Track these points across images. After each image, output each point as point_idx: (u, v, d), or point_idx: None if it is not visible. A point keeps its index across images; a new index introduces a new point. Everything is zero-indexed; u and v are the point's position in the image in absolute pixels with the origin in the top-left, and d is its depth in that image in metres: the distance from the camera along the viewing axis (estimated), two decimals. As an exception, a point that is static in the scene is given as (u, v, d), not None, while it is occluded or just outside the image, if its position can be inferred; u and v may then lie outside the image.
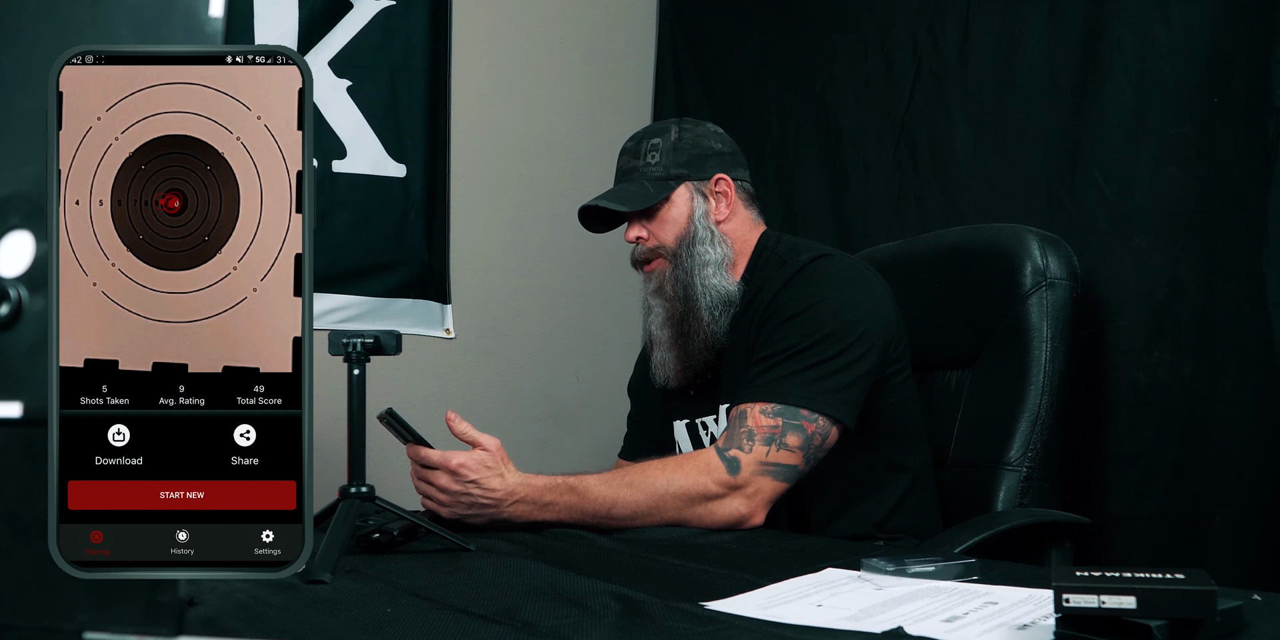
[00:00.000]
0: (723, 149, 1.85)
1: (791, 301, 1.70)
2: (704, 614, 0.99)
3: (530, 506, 1.51)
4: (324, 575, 1.12)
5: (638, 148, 1.84)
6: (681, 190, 1.81)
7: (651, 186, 1.80)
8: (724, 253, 1.80)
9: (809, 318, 1.67)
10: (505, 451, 1.53)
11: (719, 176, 1.83)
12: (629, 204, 1.79)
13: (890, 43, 2.47)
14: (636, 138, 1.86)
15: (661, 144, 1.82)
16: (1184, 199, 1.94)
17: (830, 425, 1.62)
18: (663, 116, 2.99)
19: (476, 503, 1.50)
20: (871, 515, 1.73)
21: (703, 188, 1.82)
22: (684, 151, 1.81)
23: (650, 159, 1.81)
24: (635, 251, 1.85)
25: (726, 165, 1.84)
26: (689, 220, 1.80)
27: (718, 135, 1.87)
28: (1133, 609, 0.80)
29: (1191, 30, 1.94)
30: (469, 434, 1.52)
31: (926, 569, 1.14)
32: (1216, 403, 1.88)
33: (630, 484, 1.55)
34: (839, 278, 1.73)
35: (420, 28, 2.61)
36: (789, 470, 1.60)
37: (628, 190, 1.81)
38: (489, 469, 1.49)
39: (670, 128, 1.84)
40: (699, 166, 1.82)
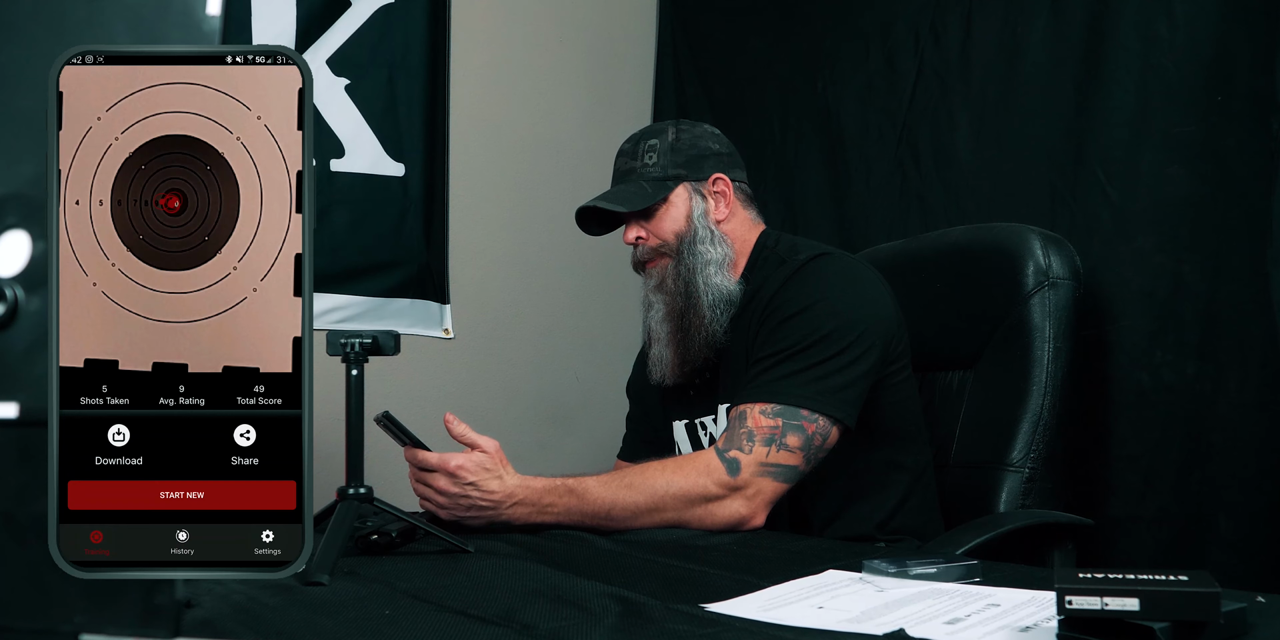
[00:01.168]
0: (720, 149, 1.86)
1: (790, 301, 1.70)
2: (704, 616, 0.98)
3: (529, 508, 1.51)
4: (322, 577, 1.11)
5: (635, 149, 1.84)
6: (680, 190, 1.81)
7: (650, 187, 1.80)
8: (724, 252, 1.80)
9: (808, 317, 1.67)
10: (504, 453, 1.52)
11: (717, 176, 1.83)
12: (628, 204, 1.79)
13: (892, 41, 2.47)
14: (633, 139, 1.86)
15: (659, 145, 1.82)
16: (1187, 198, 1.94)
17: (830, 425, 1.62)
18: (663, 117, 2.99)
19: (475, 505, 1.49)
20: (873, 516, 1.73)
21: (701, 188, 1.82)
22: (681, 152, 1.82)
23: (648, 160, 1.82)
24: (637, 252, 1.85)
25: (724, 165, 1.85)
26: (688, 220, 1.80)
27: (715, 136, 1.87)
28: (1136, 611, 0.80)
29: (1195, 28, 1.94)
30: (467, 435, 1.52)
31: (928, 571, 1.14)
32: (1220, 403, 1.87)
33: (630, 485, 1.54)
34: (838, 276, 1.73)
35: (419, 26, 2.60)
36: (789, 471, 1.60)
37: (626, 191, 1.81)
38: (487, 471, 1.49)
39: (667, 129, 1.85)
40: (697, 167, 1.82)
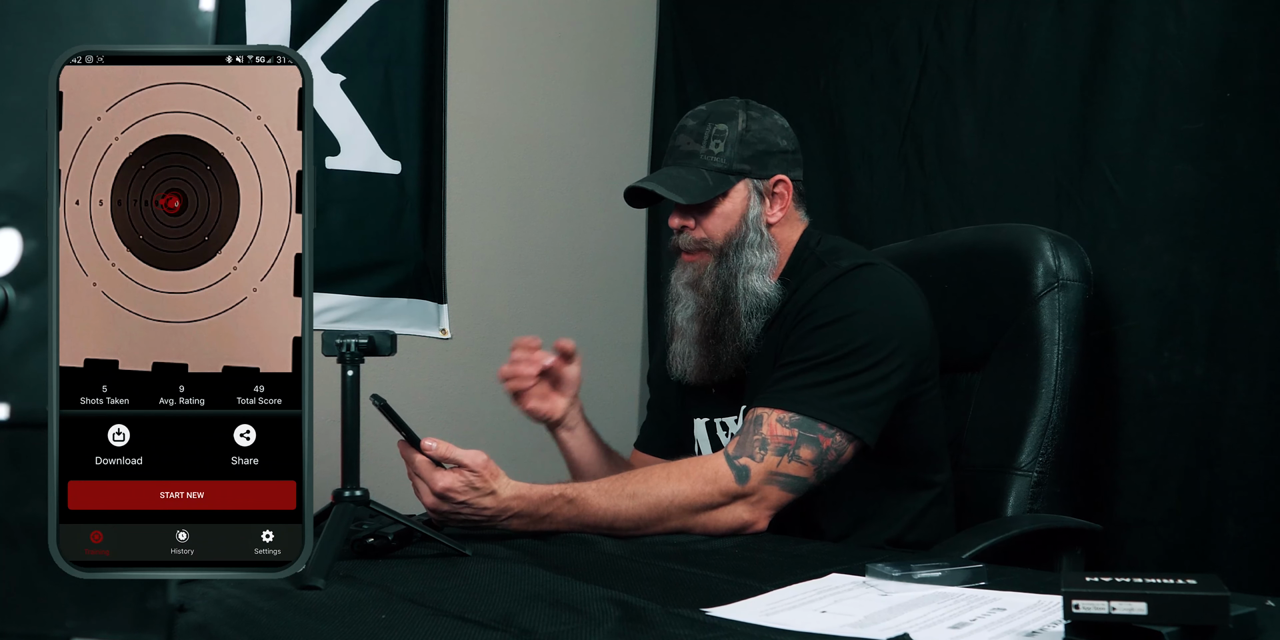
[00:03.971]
0: (787, 146, 1.79)
1: (826, 308, 1.66)
2: (705, 621, 0.98)
3: (526, 520, 1.48)
4: (317, 581, 1.11)
5: (701, 130, 1.75)
6: (740, 187, 1.75)
7: (710, 179, 1.73)
8: (770, 258, 1.75)
9: (841, 328, 1.63)
10: (495, 464, 1.46)
11: (779, 177, 1.77)
12: (686, 195, 1.72)
13: (895, 38, 2.46)
14: (700, 118, 1.77)
15: (728, 133, 1.74)
16: (1195, 196, 1.92)
17: (848, 442, 1.59)
18: (663, 114, 2.98)
19: (469, 520, 1.46)
20: (887, 530, 1.71)
21: (760, 187, 1.76)
22: (750, 145, 1.75)
23: (714, 146, 1.74)
24: (680, 239, 1.79)
25: (788, 164, 1.78)
26: (741, 219, 1.75)
27: (783, 130, 1.80)
28: (1143, 615, 0.80)
29: (1203, 23, 1.92)
30: (451, 455, 1.45)
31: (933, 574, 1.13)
32: (1228, 404, 1.86)
33: (633, 496, 1.51)
34: (878, 289, 1.69)
35: (415, 21, 2.60)
36: (798, 482, 1.57)
37: (685, 178, 1.74)
38: (476, 490, 1.44)
39: (738, 114, 1.76)
40: (762, 163, 1.76)
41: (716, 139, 1.74)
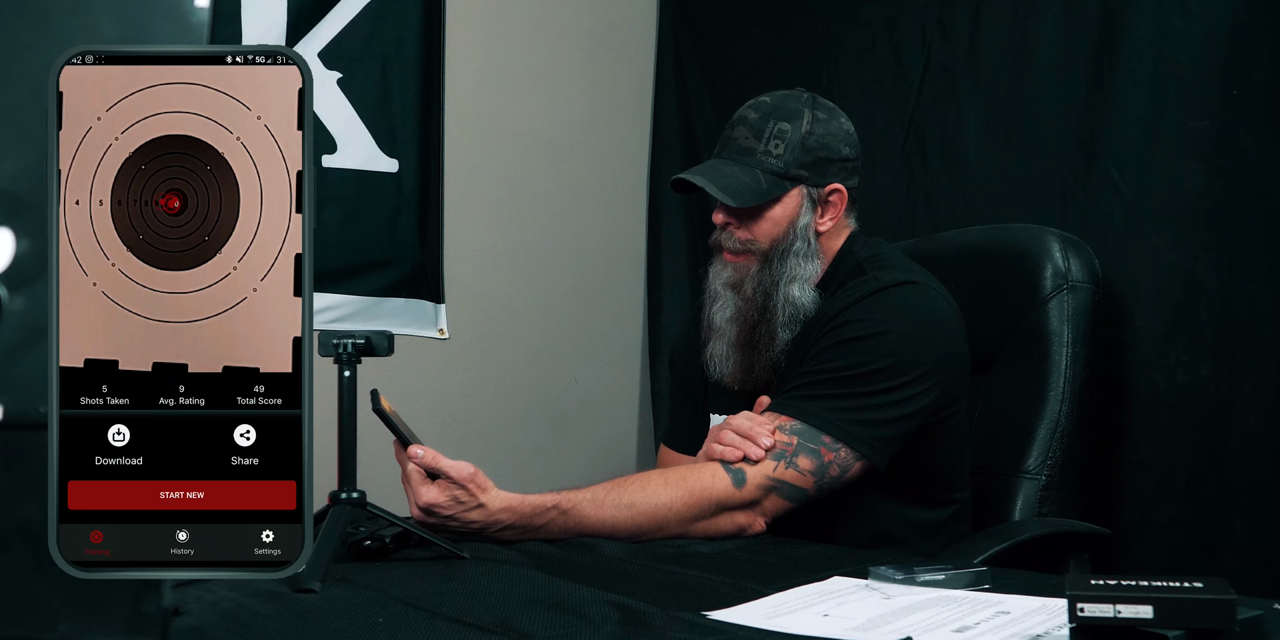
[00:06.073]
0: (848, 154, 1.73)
1: (858, 322, 1.62)
2: (706, 624, 0.98)
3: (519, 532, 1.45)
4: (313, 584, 1.10)
5: (763, 126, 1.69)
6: (794, 193, 1.69)
7: (765, 181, 1.67)
8: (814, 268, 1.71)
9: (870, 345, 1.59)
10: (483, 475, 1.42)
11: (835, 186, 1.71)
12: (738, 199, 1.66)
13: (898, 34, 2.45)
14: (763, 111, 1.70)
15: (790, 134, 1.67)
16: (1203, 195, 1.92)
17: (854, 459, 1.55)
18: (663, 113, 2.96)
19: (459, 532, 1.44)
20: (903, 545, 1.68)
21: (815, 195, 1.70)
22: (811, 151, 1.68)
23: (773, 147, 1.67)
24: (724, 238, 1.74)
25: (847, 173, 1.72)
26: (790, 226, 1.70)
27: (848, 136, 1.73)
28: (1150, 619, 0.81)
29: (1210, 20, 1.91)
30: (437, 465, 1.41)
31: (936, 577, 1.13)
32: (1236, 405, 1.85)
33: (630, 506, 1.49)
34: (914, 312, 1.63)
35: (413, 18, 2.58)
36: (796, 491, 1.55)
37: (738, 178, 1.68)
38: (461, 504, 1.40)
39: (803, 114, 1.69)
40: (821, 171, 1.70)
41: (777, 139, 1.68)
